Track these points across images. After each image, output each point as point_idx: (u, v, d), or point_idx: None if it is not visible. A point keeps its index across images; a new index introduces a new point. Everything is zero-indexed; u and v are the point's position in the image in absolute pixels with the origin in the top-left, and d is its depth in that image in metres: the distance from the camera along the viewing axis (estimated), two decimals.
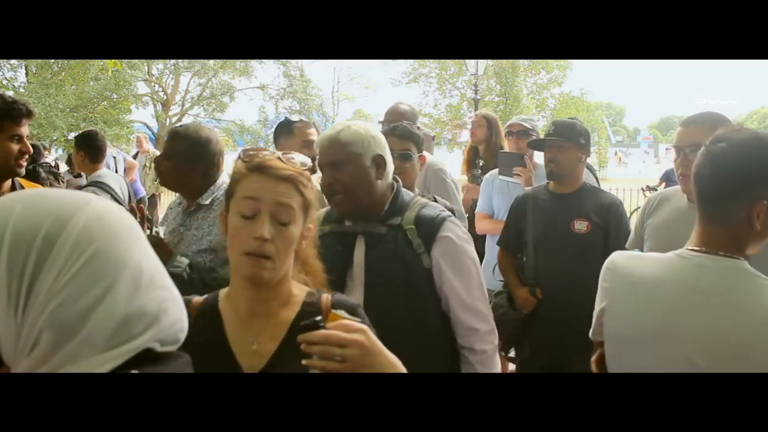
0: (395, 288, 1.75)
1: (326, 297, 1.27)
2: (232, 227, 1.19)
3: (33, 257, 0.70)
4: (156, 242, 2.09)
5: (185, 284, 2.01)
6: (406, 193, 1.91)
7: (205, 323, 1.22)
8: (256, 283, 1.18)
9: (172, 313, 0.77)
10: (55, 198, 0.75)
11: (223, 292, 1.29)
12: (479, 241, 4.03)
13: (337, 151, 1.76)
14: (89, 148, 3.76)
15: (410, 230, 1.78)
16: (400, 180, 1.93)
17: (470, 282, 1.79)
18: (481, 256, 3.98)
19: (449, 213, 1.86)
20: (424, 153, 3.23)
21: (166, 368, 0.73)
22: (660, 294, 1.26)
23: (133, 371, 0.69)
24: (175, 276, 1.97)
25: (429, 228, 1.78)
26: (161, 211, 8.15)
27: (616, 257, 1.41)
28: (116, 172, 6.97)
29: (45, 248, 0.70)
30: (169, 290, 0.79)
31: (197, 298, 1.29)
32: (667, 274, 1.27)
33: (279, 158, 1.21)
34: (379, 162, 1.79)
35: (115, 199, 2.92)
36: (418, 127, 3.46)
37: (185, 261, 2.11)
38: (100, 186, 3.31)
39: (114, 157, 7.31)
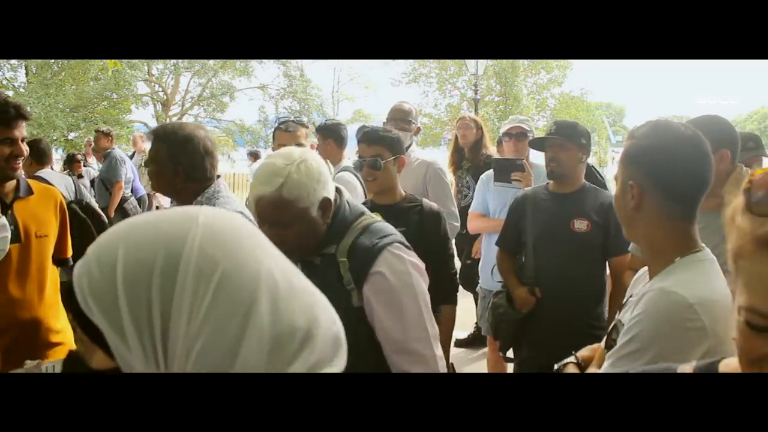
0: None
1: None
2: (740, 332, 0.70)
3: (156, 303, 0.60)
4: None
5: None
6: (352, 210, 1.69)
7: None
8: None
9: (322, 320, 0.67)
10: (159, 224, 0.64)
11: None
12: (473, 241, 4.06)
13: (282, 212, 1.56)
14: (35, 153, 4.32)
15: (342, 263, 1.60)
16: (342, 194, 1.71)
17: (405, 322, 1.57)
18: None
19: (392, 240, 1.62)
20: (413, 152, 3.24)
21: None
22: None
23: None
24: None
25: (362, 261, 1.58)
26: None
27: (681, 289, 1.20)
28: (131, 172, 7.06)
29: (166, 288, 0.60)
30: (311, 293, 0.69)
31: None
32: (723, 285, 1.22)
33: None
34: (326, 205, 1.61)
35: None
36: (418, 126, 3.49)
37: None
38: (39, 179, 3.37)
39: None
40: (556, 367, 1.57)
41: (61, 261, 2.42)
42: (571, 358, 1.57)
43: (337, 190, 1.70)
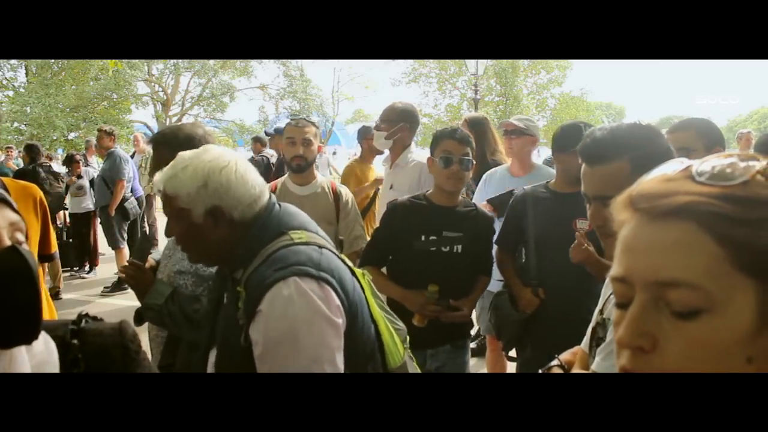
0: (228, 359, 1.46)
1: None
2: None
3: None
4: (134, 274, 1.93)
5: (164, 318, 1.86)
6: (271, 230, 1.48)
7: None
8: None
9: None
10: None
11: None
12: None
13: (166, 204, 1.50)
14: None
15: (240, 294, 1.42)
16: (272, 207, 1.52)
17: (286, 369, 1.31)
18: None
19: (291, 271, 1.36)
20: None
21: None
22: None
23: None
24: (151, 309, 1.85)
25: (252, 295, 1.37)
26: (158, 213, 8.11)
27: None
28: (132, 172, 7.04)
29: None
30: None
31: None
32: None
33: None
34: (216, 214, 1.45)
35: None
36: None
37: (167, 290, 1.89)
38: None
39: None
40: (540, 372, 1.57)
41: (46, 257, 2.41)
42: (555, 362, 1.58)
43: (274, 203, 1.55)
